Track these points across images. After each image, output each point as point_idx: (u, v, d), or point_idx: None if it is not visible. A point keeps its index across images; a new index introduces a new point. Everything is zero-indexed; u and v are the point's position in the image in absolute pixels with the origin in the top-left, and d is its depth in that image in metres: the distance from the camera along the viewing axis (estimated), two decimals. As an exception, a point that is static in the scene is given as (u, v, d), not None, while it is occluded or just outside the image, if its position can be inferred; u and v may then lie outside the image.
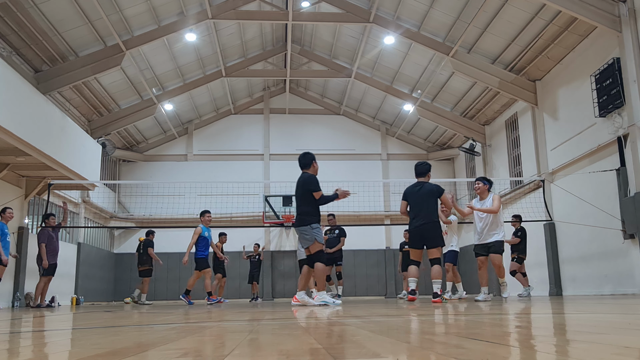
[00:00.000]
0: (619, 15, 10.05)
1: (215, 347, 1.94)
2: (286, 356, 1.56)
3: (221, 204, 16.59)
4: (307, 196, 7.07)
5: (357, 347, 1.76)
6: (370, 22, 14.00)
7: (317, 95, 20.48)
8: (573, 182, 11.90)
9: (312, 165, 7.50)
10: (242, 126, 20.21)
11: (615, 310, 3.99)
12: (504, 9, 11.95)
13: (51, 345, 2.30)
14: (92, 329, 3.11)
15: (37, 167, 11.52)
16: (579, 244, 11.83)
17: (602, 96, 10.54)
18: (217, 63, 16.60)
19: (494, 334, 2.18)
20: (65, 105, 14.27)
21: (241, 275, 18.19)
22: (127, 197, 18.68)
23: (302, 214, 7.04)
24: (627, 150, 10.13)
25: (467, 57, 13.83)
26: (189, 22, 13.69)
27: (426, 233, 7.28)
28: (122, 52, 13.28)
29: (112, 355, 1.68)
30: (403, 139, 20.27)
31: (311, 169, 7.44)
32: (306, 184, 7.06)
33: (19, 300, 11.85)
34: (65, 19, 12.01)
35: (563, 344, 1.78)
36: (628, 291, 9.97)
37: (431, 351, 1.60)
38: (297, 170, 7.57)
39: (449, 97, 16.61)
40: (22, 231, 12.26)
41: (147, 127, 18.60)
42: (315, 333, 2.41)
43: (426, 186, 7.55)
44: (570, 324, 2.83)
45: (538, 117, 13.59)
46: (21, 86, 9.94)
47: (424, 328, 2.62)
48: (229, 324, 3.37)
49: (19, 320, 4.81)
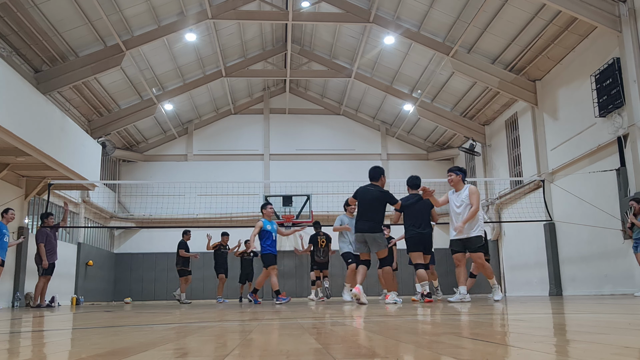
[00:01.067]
0: (619, 15, 10.05)
1: (215, 347, 1.94)
2: (286, 356, 1.56)
3: (221, 204, 16.60)
4: (382, 206, 7.66)
5: (357, 347, 1.76)
6: (370, 22, 14.00)
7: (317, 95, 20.48)
8: (573, 182, 11.91)
9: (381, 178, 7.94)
10: (242, 126, 20.21)
11: (615, 310, 3.99)
12: (504, 9, 11.95)
13: (51, 345, 2.30)
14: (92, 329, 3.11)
15: (37, 167, 11.52)
16: (579, 244, 11.83)
17: (602, 96, 10.54)
18: (217, 63, 16.60)
19: (494, 334, 2.18)
20: (65, 105, 14.27)
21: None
22: (127, 197, 18.68)
23: (376, 222, 7.57)
24: (627, 150, 10.13)
25: (467, 57, 13.83)
26: (189, 22, 13.70)
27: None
28: (122, 52, 13.28)
29: (112, 355, 1.68)
30: (403, 139, 20.27)
31: (379, 181, 7.88)
32: (387, 198, 7.70)
33: (19, 300, 11.85)
34: (65, 19, 12.01)
35: (563, 344, 1.78)
36: (628, 291, 9.97)
37: (431, 351, 1.60)
38: (297, 170, 7.64)
39: (449, 97, 16.61)
40: (22, 231, 12.25)
41: (147, 127, 18.60)
42: (315, 333, 2.41)
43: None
44: (570, 324, 2.83)
45: (538, 117, 13.59)
46: (21, 86, 9.93)
47: (423, 328, 2.62)
48: (229, 324, 3.37)
49: (19, 320, 4.81)
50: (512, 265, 15.45)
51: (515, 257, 15.21)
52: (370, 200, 7.58)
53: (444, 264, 15.46)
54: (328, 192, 16.69)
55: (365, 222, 7.51)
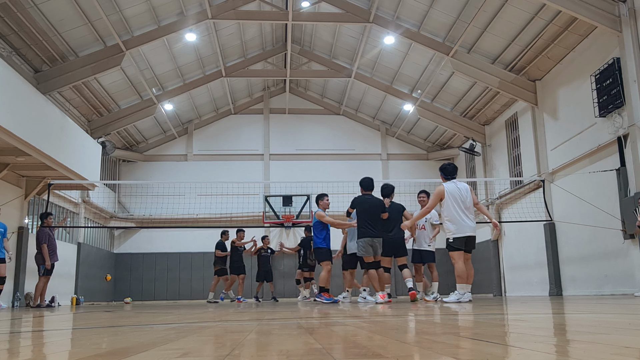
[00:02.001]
0: (619, 15, 10.04)
1: (215, 347, 1.94)
2: (286, 356, 1.56)
3: (221, 204, 16.58)
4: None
5: (357, 347, 1.76)
6: (370, 22, 13.99)
7: (317, 95, 20.48)
8: (573, 182, 11.90)
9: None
10: (242, 126, 20.21)
11: (615, 310, 3.99)
12: (504, 9, 11.95)
13: (51, 345, 2.30)
14: (92, 329, 3.11)
15: (37, 167, 11.52)
16: (579, 244, 11.83)
17: (602, 96, 10.54)
18: (217, 63, 16.60)
19: (494, 334, 2.18)
20: (65, 105, 14.27)
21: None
22: (127, 197, 18.68)
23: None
24: (627, 150, 10.13)
25: (467, 57, 13.83)
26: (188, 22, 13.69)
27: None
28: (122, 52, 13.27)
29: (112, 355, 1.68)
30: (403, 139, 20.27)
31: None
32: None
33: (19, 300, 11.85)
34: (65, 19, 12.01)
35: (563, 344, 1.78)
36: (628, 291, 9.97)
37: (431, 351, 1.60)
38: (297, 170, 7.70)
39: (449, 97, 16.60)
40: (22, 231, 12.25)
41: (147, 127, 18.60)
42: (315, 333, 2.41)
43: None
44: (570, 324, 2.83)
45: (538, 117, 13.59)
46: (21, 86, 9.93)
47: (423, 328, 2.62)
48: (229, 324, 3.37)
49: (19, 320, 4.81)
50: (512, 265, 15.44)
51: (515, 257, 15.21)
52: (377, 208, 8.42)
53: (443, 265, 15.43)
54: (328, 192, 16.64)
55: (375, 229, 8.26)
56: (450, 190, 7.32)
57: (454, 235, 7.23)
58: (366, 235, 8.12)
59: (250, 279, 15.35)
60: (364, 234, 8.15)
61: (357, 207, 8.35)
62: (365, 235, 8.13)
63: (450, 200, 7.27)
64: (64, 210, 14.99)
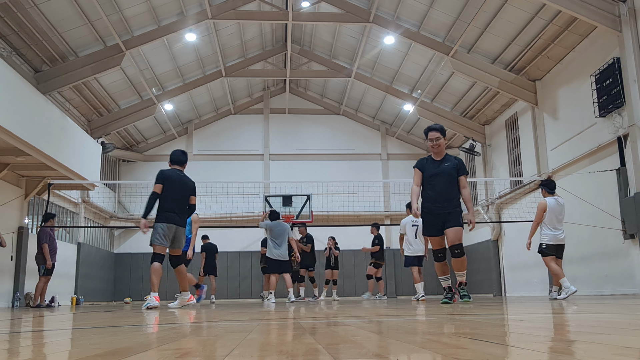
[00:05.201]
0: (619, 15, 10.04)
1: (215, 347, 1.93)
2: (286, 356, 1.55)
3: (221, 204, 16.59)
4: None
5: (357, 347, 1.76)
6: (370, 22, 14.00)
7: (317, 95, 20.49)
8: (573, 182, 11.90)
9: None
10: (242, 126, 20.22)
11: (616, 310, 3.99)
12: (504, 8, 11.95)
13: (51, 345, 2.30)
14: (92, 329, 3.11)
15: (37, 167, 11.52)
16: (579, 244, 11.82)
17: (602, 96, 10.54)
18: (216, 63, 16.60)
19: (494, 334, 2.18)
20: (65, 105, 14.27)
21: (241, 275, 18.25)
22: (127, 197, 18.68)
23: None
24: (627, 150, 10.13)
25: (467, 57, 13.83)
26: (188, 22, 13.70)
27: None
28: (122, 52, 13.28)
29: (112, 355, 1.68)
30: (403, 139, 20.27)
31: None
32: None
33: (19, 300, 11.85)
34: (65, 19, 12.01)
35: (564, 344, 1.78)
36: (628, 291, 9.97)
37: (431, 351, 1.60)
38: (297, 170, 7.68)
39: (449, 97, 16.61)
40: (22, 231, 12.25)
41: (147, 127, 18.60)
42: (315, 333, 2.41)
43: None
44: (570, 324, 2.83)
45: (538, 117, 13.58)
46: (21, 86, 9.93)
47: (424, 328, 2.62)
48: (229, 324, 3.37)
49: (19, 320, 4.81)
50: (512, 265, 15.43)
51: (515, 257, 15.19)
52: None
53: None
54: (328, 192, 16.72)
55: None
56: (552, 206, 8.62)
57: (547, 242, 8.72)
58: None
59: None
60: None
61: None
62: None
63: (550, 214, 8.66)
64: (64, 211, 14.99)
